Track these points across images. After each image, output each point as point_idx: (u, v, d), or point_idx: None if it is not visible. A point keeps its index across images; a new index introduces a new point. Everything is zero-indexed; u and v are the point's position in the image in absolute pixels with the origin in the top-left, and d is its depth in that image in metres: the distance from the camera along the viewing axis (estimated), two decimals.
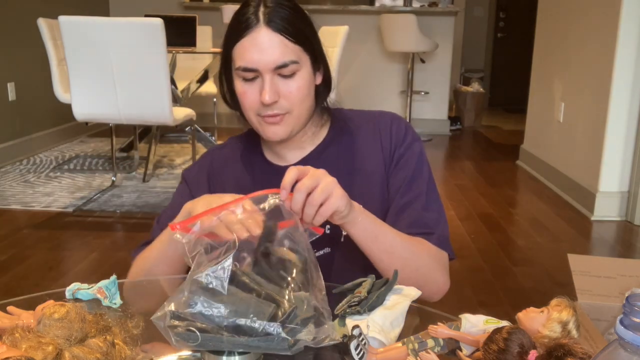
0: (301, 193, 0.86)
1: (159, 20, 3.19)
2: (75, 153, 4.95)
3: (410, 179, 1.10)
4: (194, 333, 0.67)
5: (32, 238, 3.08)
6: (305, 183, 0.86)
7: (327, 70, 1.10)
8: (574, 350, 0.62)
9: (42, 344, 0.63)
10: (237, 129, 1.19)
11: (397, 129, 1.14)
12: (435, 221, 1.09)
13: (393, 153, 1.12)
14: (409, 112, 6.09)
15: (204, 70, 4.83)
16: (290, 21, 1.01)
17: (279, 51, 0.99)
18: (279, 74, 1.01)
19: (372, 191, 1.10)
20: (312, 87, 1.06)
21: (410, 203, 1.09)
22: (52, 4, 5.00)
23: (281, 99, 1.02)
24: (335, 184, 0.89)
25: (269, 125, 1.04)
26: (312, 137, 1.14)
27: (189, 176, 1.19)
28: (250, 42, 0.99)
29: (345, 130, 1.15)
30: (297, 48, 1.01)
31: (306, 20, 1.05)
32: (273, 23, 0.99)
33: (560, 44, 4.36)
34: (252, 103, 1.03)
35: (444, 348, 0.74)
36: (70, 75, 3.32)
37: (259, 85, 1.01)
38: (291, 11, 1.02)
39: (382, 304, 0.81)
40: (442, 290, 1.06)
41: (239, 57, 1.01)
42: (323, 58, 1.09)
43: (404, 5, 6.33)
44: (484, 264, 2.86)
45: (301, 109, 1.05)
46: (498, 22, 8.62)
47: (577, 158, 3.95)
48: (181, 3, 6.23)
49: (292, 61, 1.00)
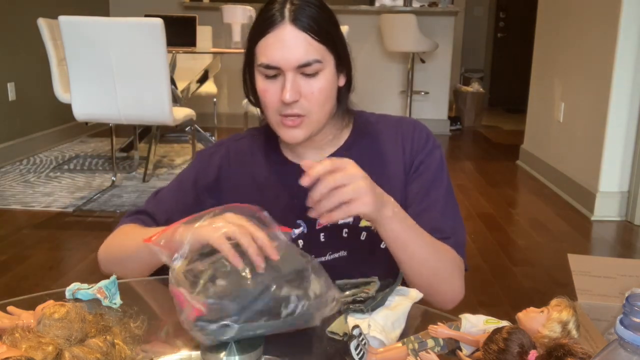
0: (326, 187, 0.84)
1: (159, 20, 3.19)
2: (75, 153, 4.95)
3: (429, 185, 1.09)
4: (229, 326, 0.70)
5: (32, 238, 3.08)
6: (336, 177, 0.84)
7: (350, 72, 1.08)
8: (574, 350, 0.62)
9: (42, 344, 0.63)
10: (237, 129, 1.18)
11: (419, 135, 1.12)
12: (452, 227, 1.08)
13: (414, 159, 1.11)
14: (409, 112, 6.09)
15: (204, 70, 4.84)
16: (316, 20, 0.99)
17: (302, 49, 0.97)
18: (301, 72, 0.99)
19: (392, 197, 1.09)
20: (334, 89, 1.04)
21: (428, 209, 1.08)
22: (52, 4, 5.00)
23: (302, 99, 1.00)
24: (368, 190, 0.86)
25: (287, 128, 1.03)
26: (333, 139, 1.12)
27: (202, 158, 1.17)
28: (274, 39, 0.98)
29: (367, 134, 1.14)
30: (322, 47, 0.99)
31: (332, 20, 1.03)
32: (298, 21, 0.98)
33: (560, 44, 4.36)
34: (273, 101, 1.01)
35: (444, 348, 0.74)
36: (70, 75, 3.32)
37: (281, 83, 0.99)
38: (318, 10, 1.00)
39: (384, 304, 0.81)
40: (457, 298, 1.04)
41: (261, 54, 0.99)
42: (347, 59, 1.06)
43: (404, 5, 6.33)
44: (484, 264, 2.86)
45: (321, 112, 1.03)
46: (498, 22, 8.62)
47: (577, 158, 3.95)
48: (181, 3, 6.23)
49: (316, 60, 0.98)
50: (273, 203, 1.08)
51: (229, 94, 6.27)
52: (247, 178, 1.13)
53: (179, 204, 1.12)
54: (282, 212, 1.07)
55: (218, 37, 5.31)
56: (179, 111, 3.64)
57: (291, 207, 1.07)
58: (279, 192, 1.11)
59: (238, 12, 4.72)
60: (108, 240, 1.11)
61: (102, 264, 1.11)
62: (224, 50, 4.71)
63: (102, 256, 1.11)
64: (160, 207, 1.13)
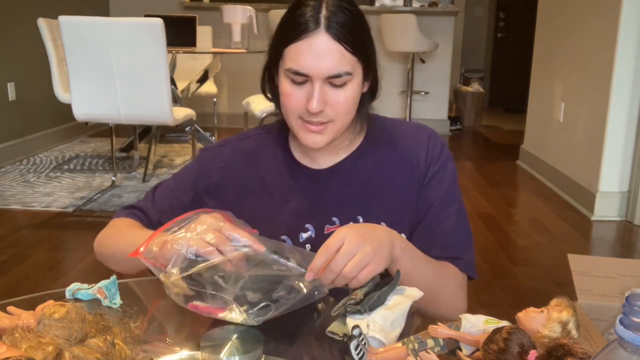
0: (333, 274, 0.81)
1: (159, 20, 3.19)
2: (75, 153, 4.95)
3: (442, 199, 1.08)
4: (269, 305, 0.80)
5: (32, 238, 3.08)
6: (338, 264, 0.81)
7: (375, 79, 1.06)
8: (574, 350, 0.62)
9: (42, 344, 0.63)
10: (237, 129, 1.18)
11: (434, 145, 1.10)
12: (463, 246, 1.07)
13: (427, 170, 1.08)
14: (409, 112, 6.09)
15: (204, 70, 4.84)
16: (350, 29, 0.95)
17: (335, 61, 0.94)
18: (330, 82, 0.96)
19: (403, 206, 1.07)
20: (359, 97, 1.02)
21: (441, 224, 1.06)
22: (52, 4, 5.00)
23: (327, 107, 0.97)
24: (375, 251, 0.83)
25: (309, 133, 1.00)
26: (349, 143, 1.10)
27: (204, 158, 1.14)
28: (306, 47, 0.94)
29: (381, 140, 1.11)
30: (353, 59, 0.96)
31: (365, 27, 1.00)
32: (333, 29, 0.94)
33: (560, 44, 4.36)
34: (297, 107, 0.98)
35: (444, 348, 0.74)
36: (70, 75, 3.32)
37: (307, 90, 0.96)
38: (352, 17, 0.96)
39: (383, 304, 0.81)
40: (458, 314, 1.04)
41: (291, 59, 0.96)
42: (375, 67, 1.04)
43: (404, 5, 6.33)
44: (484, 264, 2.86)
45: (345, 120, 1.01)
46: (498, 22, 8.62)
47: (577, 158, 3.95)
48: (181, 3, 6.23)
49: (346, 72, 0.96)
50: (281, 206, 1.08)
51: (229, 94, 6.27)
52: (254, 180, 1.10)
53: (173, 206, 1.10)
54: (290, 216, 1.06)
55: (218, 37, 5.31)
56: (179, 111, 3.64)
57: (300, 210, 1.06)
58: (287, 195, 1.08)
59: (238, 12, 4.73)
60: (102, 235, 1.11)
61: (96, 255, 1.12)
62: (224, 50, 4.71)
63: (96, 248, 1.12)
64: (155, 206, 1.12)
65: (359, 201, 1.07)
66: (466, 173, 4.71)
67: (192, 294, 0.81)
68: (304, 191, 1.08)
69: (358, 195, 1.07)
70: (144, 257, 0.83)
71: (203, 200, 1.11)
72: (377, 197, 1.05)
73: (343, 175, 1.08)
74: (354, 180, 1.08)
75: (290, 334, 0.84)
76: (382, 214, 1.04)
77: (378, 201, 1.01)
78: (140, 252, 0.84)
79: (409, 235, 1.06)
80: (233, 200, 1.09)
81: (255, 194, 1.10)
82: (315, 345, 0.83)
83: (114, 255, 1.06)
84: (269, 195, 1.09)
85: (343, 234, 0.84)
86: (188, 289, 0.80)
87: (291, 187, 1.09)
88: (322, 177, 1.09)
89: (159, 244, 0.83)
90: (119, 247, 1.03)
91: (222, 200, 1.09)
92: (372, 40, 1.02)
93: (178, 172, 1.17)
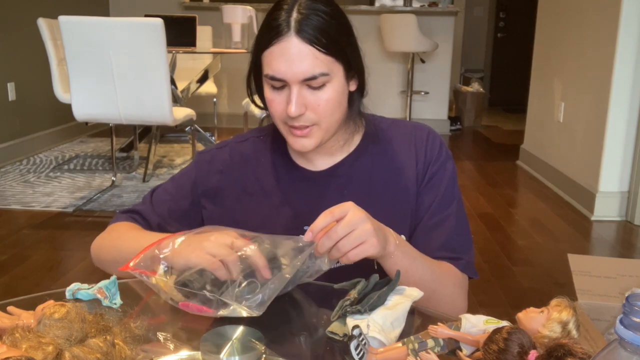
0: (331, 241, 0.83)
1: (159, 20, 3.19)
2: (75, 153, 4.95)
3: (441, 198, 1.07)
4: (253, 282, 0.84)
5: (32, 238, 3.08)
6: (338, 232, 0.83)
7: (363, 77, 1.04)
8: (574, 350, 0.62)
9: (42, 344, 0.63)
10: (237, 129, 1.18)
11: (432, 144, 1.09)
12: (463, 246, 1.07)
13: (427, 170, 1.08)
14: (409, 112, 6.09)
15: (204, 70, 4.84)
16: (323, 30, 0.94)
17: (308, 63, 0.94)
18: (307, 85, 0.96)
19: (403, 207, 1.07)
20: (344, 97, 1.01)
21: (440, 224, 1.06)
22: (52, 4, 5.00)
23: (308, 110, 0.97)
24: (373, 232, 0.85)
25: (296, 137, 1.00)
26: (344, 144, 1.09)
27: (201, 161, 1.13)
28: (279, 52, 0.94)
29: (378, 140, 1.10)
30: (329, 59, 0.95)
31: (342, 28, 0.99)
32: (304, 33, 0.93)
33: (560, 44, 4.36)
34: (279, 112, 0.98)
35: (444, 348, 0.74)
36: (70, 75, 3.32)
37: (287, 94, 0.96)
38: (326, 18, 0.96)
39: (383, 303, 0.81)
40: (458, 314, 1.04)
41: (267, 65, 0.96)
42: (359, 65, 1.02)
43: (404, 5, 6.33)
44: (484, 264, 2.86)
45: (330, 121, 1.00)
46: (498, 22, 8.62)
47: (577, 158, 3.95)
48: (181, 3, 6.23)
49: (322, 73, 0.95)
50: (279, 208, 1.07)
51: (229, 94, 6.27)
52: (252, 182, 1.10)
53: (172, 211, 1.10)
54: (289, 218, 1.06)
55: (218, 37, 5.31)
56: (179, 111, 3.64)
57: (298, 213, 1.06)
58: (285, 198, 1.08)
59: (238, 12, 4.73)
60: (101, 239, 1.11)
61: (93, 259, 1.11)
62: (224, 50, 4.71)
63: (94, 253, 1.11)
64: (154, 210, 1.12)
65: (358, 202, 1.06)
66: (466, 173, 4.71)
67: (185, 297, 0.83)
68: (302, 193, 1.08)
69: (357, 196, 1.06)
70: (134, 269, 0.86)
71: (202, 203, 1.11)
72: (377, 198, 1.04)
73: (341, 177, 1.08)
74: (352, 181, 1.08)
75: (291, 334, 0.84)
76: (381, 214, 1.04)
77: (377, 202, 1.01)
78: (130, 267, 0.87)
79: (409, 236, 1.06)
80: (231, 203, 1.08)
81: (254, 196, 1.09)
82: (315, 345, 0.83)
83: (117, 259, 1.05)
84: (267, 198, 1.09)
85: (348, 206, 0.85)
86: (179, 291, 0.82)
87: (289, 190, 1.09)
88: (320, 179, 1.08)
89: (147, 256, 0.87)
90: (122, 250, 1.02)
91: (220, 204, 1.09)
92: (354, 38, 1.02)
93: (176, 175, 1.16)
